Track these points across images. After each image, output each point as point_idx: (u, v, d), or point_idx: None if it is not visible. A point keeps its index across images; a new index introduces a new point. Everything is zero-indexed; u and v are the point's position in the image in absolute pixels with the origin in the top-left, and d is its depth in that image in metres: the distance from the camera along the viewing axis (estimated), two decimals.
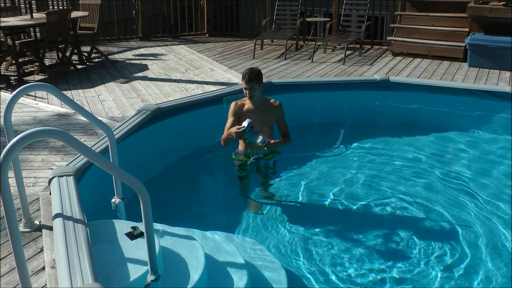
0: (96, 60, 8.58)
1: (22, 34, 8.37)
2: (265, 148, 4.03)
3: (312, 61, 8.06)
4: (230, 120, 4.18)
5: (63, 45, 7.76)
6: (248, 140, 3.98)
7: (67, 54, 7.89)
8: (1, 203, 2.44)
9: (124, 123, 4.68)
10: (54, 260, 2.75)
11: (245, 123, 3.87)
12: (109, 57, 8.71)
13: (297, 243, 3.86)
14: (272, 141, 4.04)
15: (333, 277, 3.48)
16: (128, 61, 8.45)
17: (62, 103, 5.80)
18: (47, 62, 7.88)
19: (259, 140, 3.91)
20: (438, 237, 3.95)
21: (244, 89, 4.06)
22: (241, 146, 4.32)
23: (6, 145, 2.17)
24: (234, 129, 3.89)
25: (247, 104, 4.18)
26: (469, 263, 3.64)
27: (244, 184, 4.46)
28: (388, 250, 3.81)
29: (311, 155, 5.26)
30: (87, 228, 2.81)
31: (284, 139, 4.24)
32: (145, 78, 7.24)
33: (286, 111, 4.35)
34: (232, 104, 4.23)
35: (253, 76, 3.98)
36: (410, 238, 3.94)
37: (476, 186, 4.73)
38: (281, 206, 4.40)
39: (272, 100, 4.26)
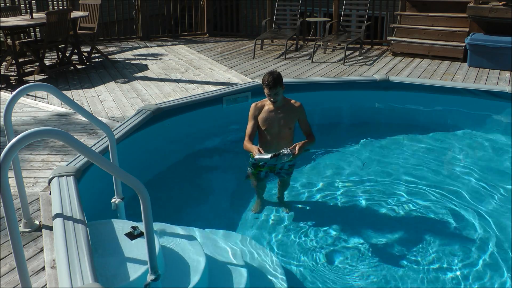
0: (96, 60, 8.57)
1: (22, 34, 8.37)
2: (293, 158, 3.98)
3: (312, 61, 8.06)
4: (250, 123, 4.08)
5: (63, 45, 7.76)
6: (277, 163, 4.00)
7: (67, 54, 7.88)
8: (1, 203, 2.44)
9: (124, 123, 4.67)
10: (54, 260, 2.75)
11: (279, 154, 3.79)
12: (109, 57, 8.71)
13: (298, 243, 3.86)
14: (296, 149, 3.88)
15: (334, 277, 3.48)
16: (128, 61, 8.44)
17: (62, 103, 5.80)
18: (47, 62, 7.88)
19: (285, 158, 3.86)
20: (438, 236, 3.95)
21: (267, 95, 3.97)
22: (261, 146, 4.19)
23: (6, 145, 2.17)
24: (255, 152, 3.85)
25: (267, 105, 4.07)
26: (469, 262, 3.64)
27: (252, 184, 4.43)
28: (388, 250, 3.81)
29: (311, 156, 5.26)
30: (87, 228, 2.81)
31: (308, 139, 4.10)
32: (145, 78, 7.24)
33: None
34: (252, 106, 4.12)
35: (276, 82, 3.87)
36: (410, 238, 3.95)
37: (475, 185, 4.73)
38: (282, 206, 4.40)
39: (292, 101, 4.12)
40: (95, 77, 7.36)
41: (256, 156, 3.83)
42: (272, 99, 3.94)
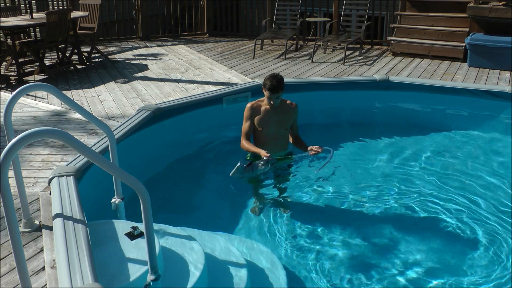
0: (96, 60, 8.58)
1: (22, 34, 8.37)
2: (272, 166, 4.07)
3: (312, 61, 8.06)
4: (246, 123, 4.11)
5: (63, 45, 7.77)
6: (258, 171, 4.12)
7: (67, 54, 7.89)
8: (1, 203, 2.44)
9: (124, 123, 4.68)
10: (54, 260, 2.75)
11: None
12: (109, 57, 8.71)
13: (297, 243, 3.86)
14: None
15: (334, 277, 3.48)
16: (128, 61, 8.44)
17: (62, 103, 5.80)
18: (47, 62, 7.88)
19: (261, 170, 3.97)
20: (438, 236, 3.95)
21: (267, 98, 3.99)
22: (257, 146, 4.25)
23: (6, 145, 2.17)
24: (263, 154, 3.99)
25: (264, 105, 4.11)
26: (469, 262, 3.64)
27: (253, 184, 4.44)
28: (388, 250, 3.81)
29: (310, 155, 5.25)
30: (87, 228, 2.81)
31: (299, 143, 4.30)
32: (145, 78, 7.24)
33: None
34: (248, 107, 4.14)
35: (279, 87, 3.94)
36: (411, 238, 3.94)
37: (474, 185, 4.73)
38: (281, 206, 4.40)
39: (288, 102, 4.16)
40: (95, 77, 7.36)
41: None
42: (272, 102, 3.96)
